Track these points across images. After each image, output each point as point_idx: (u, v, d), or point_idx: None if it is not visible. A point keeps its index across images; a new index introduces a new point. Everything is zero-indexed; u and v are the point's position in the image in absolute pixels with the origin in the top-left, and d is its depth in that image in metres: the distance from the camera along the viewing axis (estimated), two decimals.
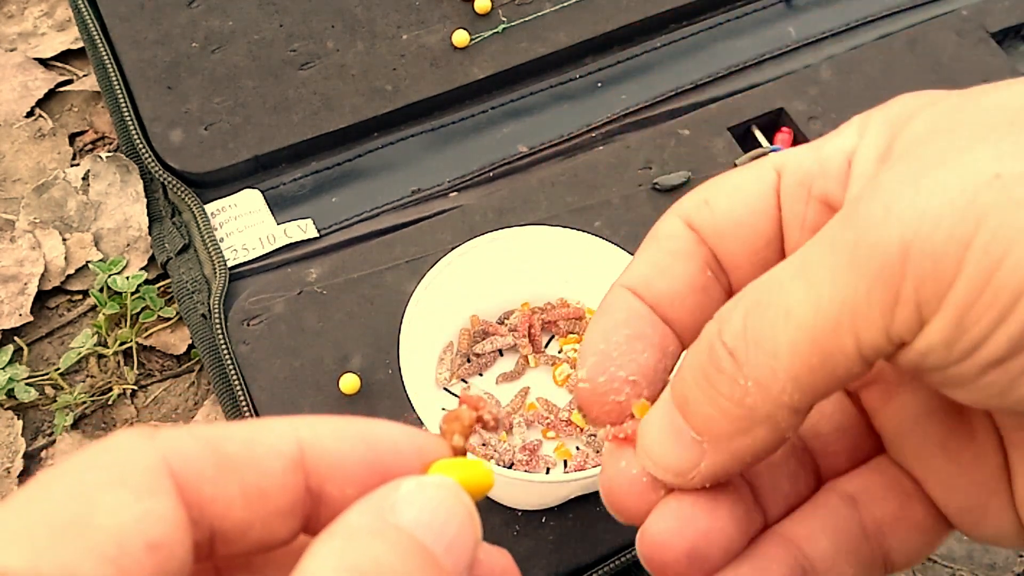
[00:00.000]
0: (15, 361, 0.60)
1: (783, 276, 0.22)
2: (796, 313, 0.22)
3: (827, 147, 0.26)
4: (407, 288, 0.55)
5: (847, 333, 0.21)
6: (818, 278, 0.21)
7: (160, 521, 0.18)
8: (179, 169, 0.63)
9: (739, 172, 0.27)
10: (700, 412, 0.24)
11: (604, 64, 0.68)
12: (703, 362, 0.23)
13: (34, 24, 0.73)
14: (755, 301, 0.23)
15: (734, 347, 0.23)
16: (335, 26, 0.68)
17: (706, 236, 0.27)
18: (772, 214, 0.27)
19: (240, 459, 0.20)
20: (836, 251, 0.21)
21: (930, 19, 0.69)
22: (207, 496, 0.20)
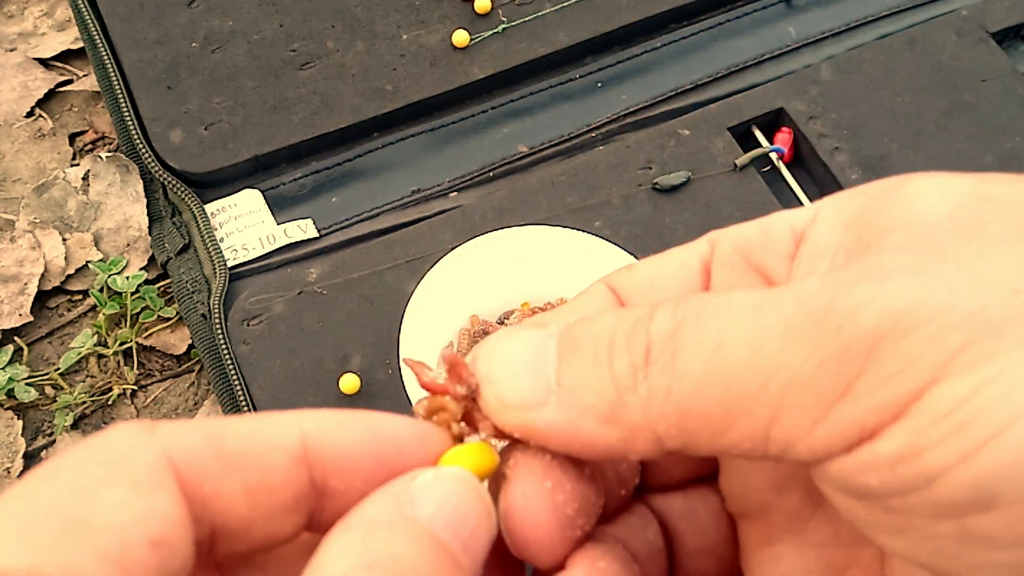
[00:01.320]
0: (15, 361, 0.60)
1: (736, 303, 0.20)
2: (728, 351, 0.19)
3: (774, 219, 0.23)
4: (407, 288, 0.55)
5: (768, 404, 0.19)
6: (770, 327, 0.19)
7: (162, 518, 0.18)
8: (179, 169, 0.63)
9: (674, 249, 0.25)
10: (577, 368, 0.21)
11: (604, 64, 0.68)
12: (618, 329, 0.21)
13: (34, 24, 0.73)
14: (697, 312, 0.20)
15: (653, 342, 0.20)
16: (335, 26, 0.68)
17: (622, 295, 0.25)
18: (694, 280, 0.24)
19: (242, 454, 0.20)
20: (801, 309, 0.19)
21: (930, 19, 0.69)
22: (209, 492, 0.19)
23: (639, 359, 0.20)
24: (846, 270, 0.19)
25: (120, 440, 0.19)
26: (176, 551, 0.18)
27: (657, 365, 0.20)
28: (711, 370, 0.19)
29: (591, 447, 0.21)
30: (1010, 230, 0.19)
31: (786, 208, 0.41)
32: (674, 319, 0.20)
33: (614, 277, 0.25)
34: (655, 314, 0.20)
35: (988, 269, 0.18)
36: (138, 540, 0.18)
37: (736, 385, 0.19)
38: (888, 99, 0.65)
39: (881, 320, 0.18)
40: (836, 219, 0.22)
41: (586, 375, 0.21)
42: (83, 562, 0.17)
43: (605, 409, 0.20)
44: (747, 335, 0.19)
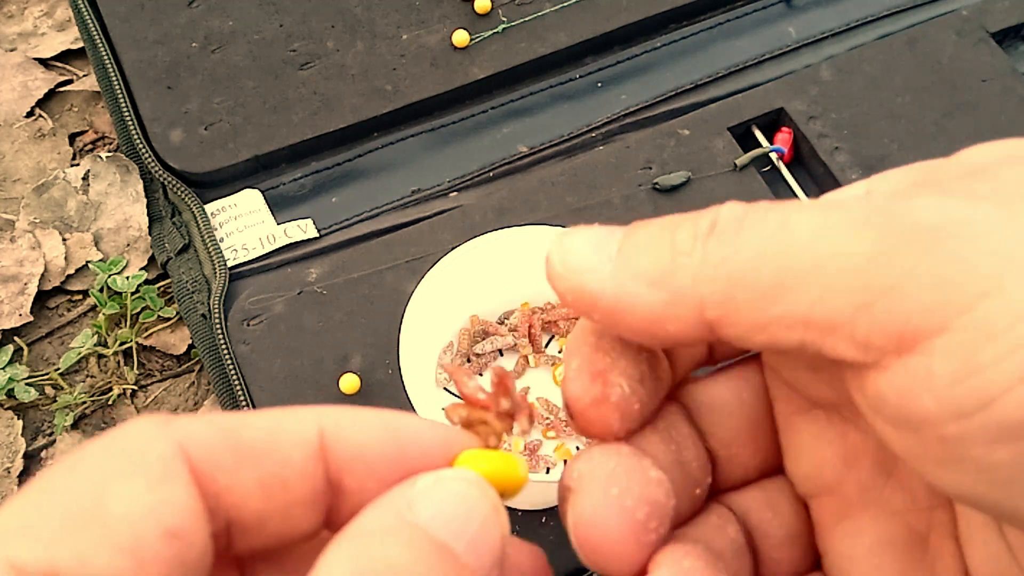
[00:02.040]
0: (15, 361, 0.60)
1: (806, 203, 0.20)
2: (790, 230, 0.19)
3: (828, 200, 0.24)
4: (407, 288, 0.55)
5: (817, 282, 0.18)
6: (835, 217, 0.19)
7: (176, 509, 0.18)
8: (179, 169, 0.63)
9: None
10: (640, 239, 0.21)
11: (604, 64, 0.68)
12: (685, 217, 0.21)
13: (34, 24, 0.73)
14: (766, 205, 0.20)
15: (720, 220, 0.20)
16: (335, 26, 0.68)
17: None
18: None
19: (258, 447, 0.20)
20: (866, 206, 0.19)
21: (930, 19, 0.69)
22: (223, 485, 0.19)
23: (703, 229, 0.20)
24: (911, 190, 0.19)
25: (135, 434, 0.19)
26: (191, 543, 0.18)
27: (718, 236, 0.20)
28: (770, 244, 0.19)
29: (633, 311, 0.21)
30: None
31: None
32: (744, 207, 0.20)
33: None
34: (725, 204, 0.21)
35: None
36: (152, 532, 0.17)
37: (790, 261, 0.19)
38: (888, 99, 0.65)
39: (942, 221, 0.17)
40: (889, 191, 0.22)
41: (646, 244, 0.21)
42: (97, 554, 0.17)
43: (656, 272, 0.20)
44: (812, 221, 0.19)
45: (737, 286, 0.19)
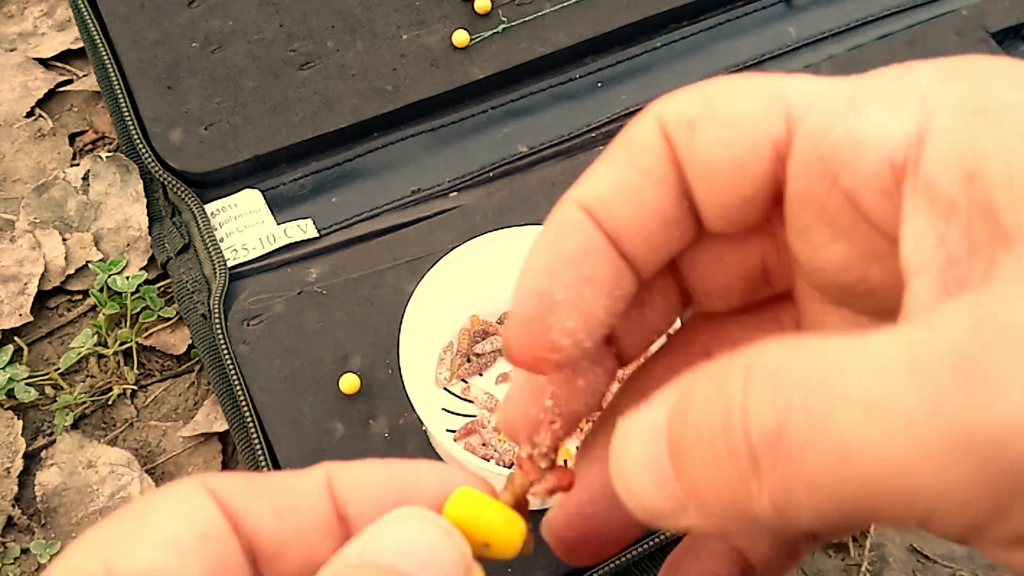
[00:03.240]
0: (15, 361, 0.60)
1: (853, 391, 0.16)
2: (857, 466, 0.16)
3: (866, 124, 0.20)
4: (407, 288, 0.55)
5: (912, 516, 0.16)
6: (906, 441, 0.16)
7: (206, 517, 0.20)
8: (179, 169, 0.63)
9: (740, 94, 0.21)
10: (693, 480, 0.19)
11: (604, 64, 0.68)
12: (714, 430, 0.18)
13: (34, 24, 0.73)
14: (804, 403, 0.17)
15: (759, 451, 0.17)
16: (335, 26, 0.68)
17: (684, 163, 0.22)
18: (762, 173, 0.21)
19: (269, 482, 0.22)
20: (939, 421, 0.15)
21: (930, 19, 0.69)
22: (239, 508, 0.21)
23: (746, 469, 0.18)
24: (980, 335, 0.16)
25: (167, 485, 0.22)
26: (226, 544, 0.20)
27: (770, 476, 0.17)
28: (842, 483, 0.17)
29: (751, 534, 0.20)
30: None
31: None
32: (775, 413, 0.17)
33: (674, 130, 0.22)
34: (748, 414, 0.17)
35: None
36: (187, 532, 0.20)
37: (875, 496, 0.16)
38: None
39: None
40: (955, 161, 0.18)
41: (704, 488, 0.19)
42: (143, 551, 0.20)
43: (739, 514, 0.18)
44: (877, 448, 0.16)
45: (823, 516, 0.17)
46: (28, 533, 0.56)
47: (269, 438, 0.54)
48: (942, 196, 0.18)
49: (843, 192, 0.20)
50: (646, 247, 0.22)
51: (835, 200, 0.20)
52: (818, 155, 0.20)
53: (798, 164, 0.21)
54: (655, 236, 0.22)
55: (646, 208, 0.22)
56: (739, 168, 0.21)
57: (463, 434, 0.53)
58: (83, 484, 0.57)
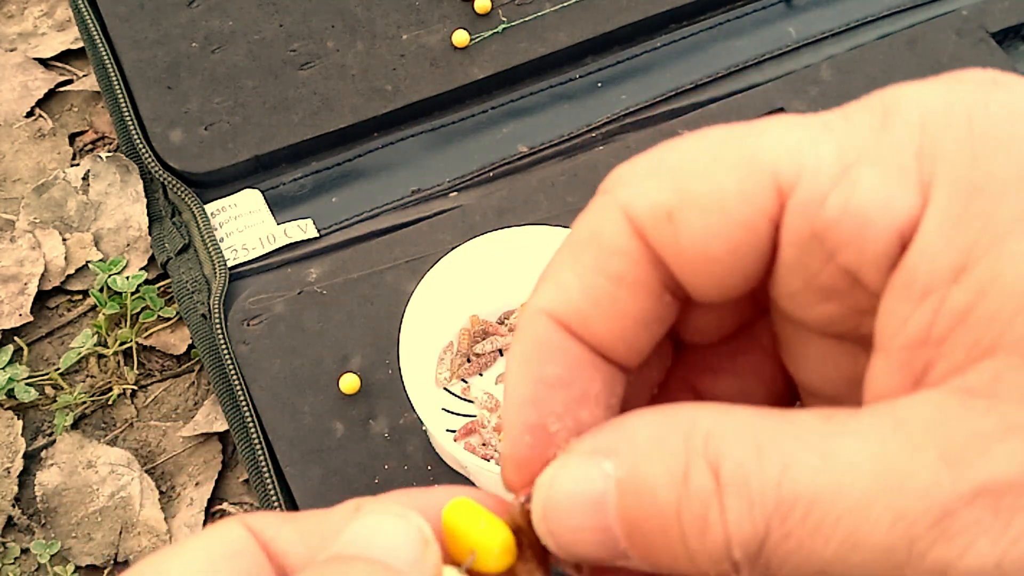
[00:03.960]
0: (15, 361, 0.60)
1: (830, 510, 0.17)
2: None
3: (869, 195, 0.18)
4: (407, 288, 0.55)
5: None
6: (872, 572, 0.17)
7: (238, 540, 0.21)
8: (179, 169, 0.63)
9: (714, 169, 0.19)
10: (656, 557, 0.19)
11: (604, 64, 0.68)
12: (687, 533, 0.18)
13: (34, 24, 0.73)
14: (785, 523, 0.17)
15: (740, 561, 0.18)
16: (335, 26, 0.68)
17: (666, 258, 0.20)
18: (761, 255, 0.19)
19: (302, 516, 0.22)
20: (906, 553, 0.17)
21: (930, 19, 0.69)
22: (270, 536, 0.21)
23: (725, 571, 0.18)
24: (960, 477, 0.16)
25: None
26: (256, 560, 0.21)
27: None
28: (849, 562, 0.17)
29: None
30: None
31: None
32: (754, 524, 0.17)
33: (649, 226, 0.20)
34: (729, 519, 0.17)
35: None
36: (219, 551, 0.20)
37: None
38: None
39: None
40: (945, 253, 0.17)
41: (666, 564, 0.19)
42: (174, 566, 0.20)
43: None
44: (850, 572, 0.17)
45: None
46: (28, 533, 0.56)
47: (269, 438, 0.54)
48: (920, 282, 0.18)
49: (841, 267, 0.19)
50: (631, 349, 0.21)
51: (831, 272, 0.19)
52: (812, 231, 0.19)
53: (790, 236, 0.19)
54: (639, 337, 0.21)
55: (626, 315, 0.20)
56: (735, 253, 0.19)
57: (463, 434, 0.53)
58: (83, 484, 0.57)
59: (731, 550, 0.18)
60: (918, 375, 0.18)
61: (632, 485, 0.18)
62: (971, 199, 0.17)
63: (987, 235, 0.17)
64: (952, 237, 0.17)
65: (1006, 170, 0.17)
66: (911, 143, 0.18)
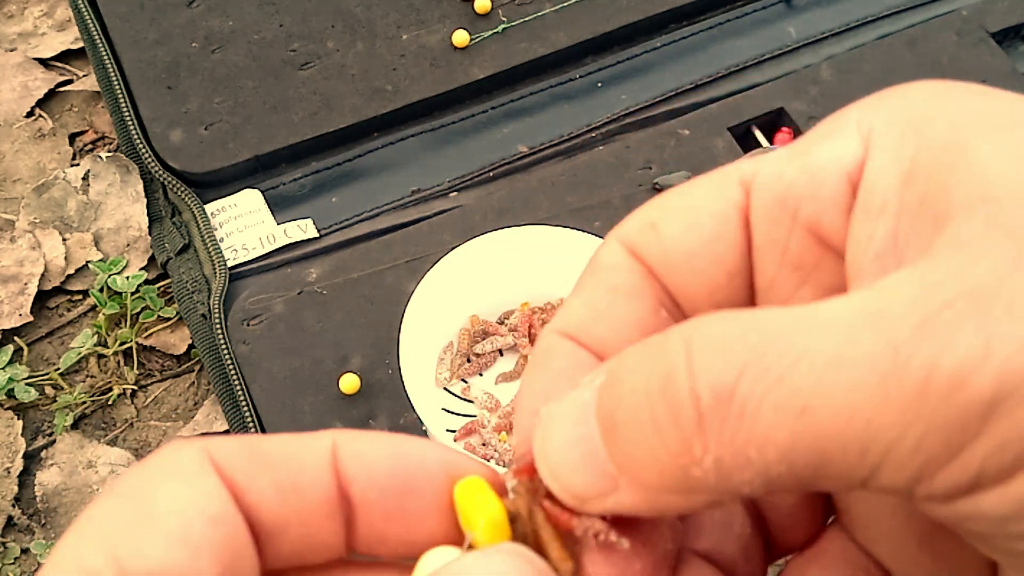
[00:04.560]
0: (15, 361, 0.60)
1: (812, 345, 0.17)
2: (815, 416, 0.16)
3: (817, 156, 0.20)
4: (407, 288, 0.55)
5: (866, 466, 0.17)
6: (864, 387, 0.16)
7: (213, 498, 0.20)
8: (179, 169, 0.63)
9: (694, 186, 0.22)
10: (627, 451, 0.18)
11: (604, 64, 0.68)
12: (652, 395, 0.18)
13: (34, 24, 0.73)
14: (760, 363, 0.17)
15: (707, 410, 0.17)
16: (335, 26, 0.68)
17: (654, 267, 0.22)
18: (736, 242, 0.21)
19: (273, 455, 0.21)
20: (898, 365, 0.16)
21: (930, 19, 0.69)
22: (242, 485, 0.20)
23: (690, 429, 0.17)
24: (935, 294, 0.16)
25: (168, 449, 0.21)
26: (235, 528, 0.20)
27: (718, 436, 0.17)
28: (797, 436, 0.17)
29: (682, 511, 0.20)
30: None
31: None
32: (727, 372, 0.17)
33: (636, 239, 0.22)
34: (695, 369, 0.17)
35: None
36: (197, 518, 0.19)
37: (829, 450, 0.17)
38: None
39: (998, 387, 0.16)
40: (892, 166, 0.19)
41: (640, 457, 0.18)
42: (154, 547, 0.19)
43: (677, 483, 0.18)
44: (837, 398, 0.16)
45: (771, 479, 0.17)
46: (28, 533, 0.56)
47: None
48: (876, 200, 0.19)
49: (805, 225, 0.20)
50: None
51: (797, 238, 0.20)
52: (774, 197, 0.20)
53: (757, 212, 0.21)
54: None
55: (623, 320, 0.22)
56: (712, 244, 0.21)
57: (463, 434, 0.53)
58: (83, 484, 0.57)
59: (697, 397, 0.17)
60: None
61: (608, 383, 0.19)
62: (907, 129, 0.19)
63: (925, 144, 0.19)
64: (895, 155, 0.19)
65: (932, 110, 0.19)
66: (850, 117, 0.20)
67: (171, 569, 0.18)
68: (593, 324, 0.22)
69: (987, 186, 0.17)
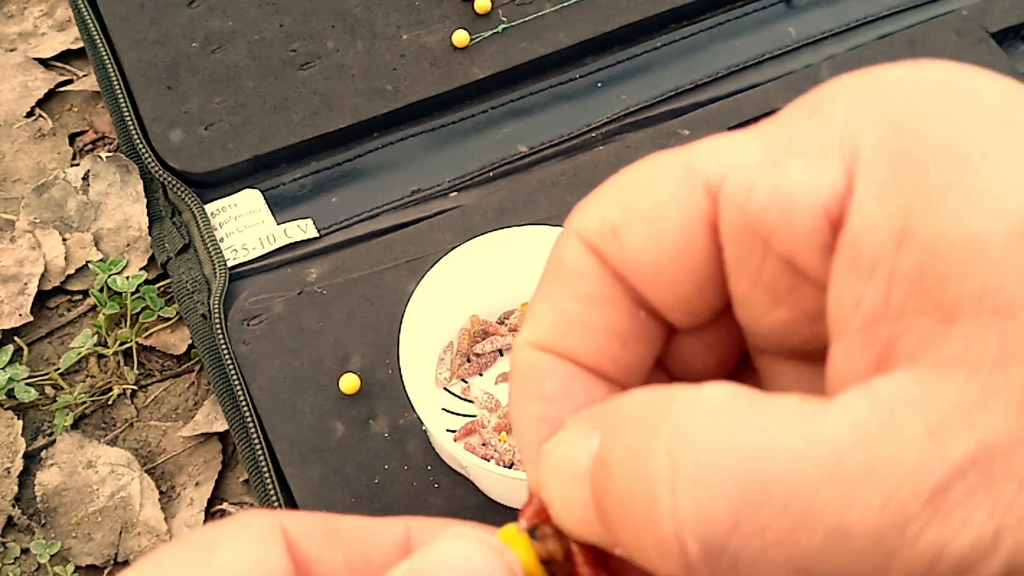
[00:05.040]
0: (15, 361, 0.60)
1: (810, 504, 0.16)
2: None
3: (791, 181, 0.18)
4: (407, 288, 0.55)
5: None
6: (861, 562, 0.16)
7: (274, 565, 0.20)
8: (179, 169, 0.63)
9: (652, 184, 0.20)
10: (622, 540, 0.18)
11: (604, 64, 0.68)
12: (638, 519, 0.17)
13: (34, 24, 0.73)
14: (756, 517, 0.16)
15: (695, 560, 0.16)
16: (335, 26, 0.68)
17: (621, 273, 0.20)
18: (704, 256, 0.20)
19: (347, 532, 0.21)
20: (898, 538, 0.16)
21: (930, 19, 0.69)
22: (313, 557, 0.21)
23: (678, 570, 0.17)
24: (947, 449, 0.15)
25: (241, 514, 0.21)
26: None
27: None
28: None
29: None
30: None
31: None
32: (715, 516, 0.16)
33: (598, 242, 0.20)
34: (681, 498, 0.16)
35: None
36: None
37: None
38: None
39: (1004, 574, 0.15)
40: (883, 221, 0.17)
41: (635, 553, 0.18)
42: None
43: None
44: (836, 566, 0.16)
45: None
46: (28, 533, 0.56)
47: (269, 438, 0.54)
48: (865, 256, 0.17)
49: (778, 256, 0.19)
50: (617, 366, 0.21)
51: (771, 265, 0.19)
52: (745, 222, 0.19)
53: (726, 231, 0.19)
54: (622, 354, 0.21)
55: (600, 331, 0.20)
56: (679, 260, 0.20)
57: (463, 434, 0.53)
58: (83, 484, 0.57)
59: (684, 544, 0.16)
60: (882, 353, 0.17)
61: (600, 462, 0.18)
62: (899, 165, 0.17)
63: (921, 196, 0.16)
64: (886, 203, 0.17)
65: (929, 133, 0.17)
66: (834, 125, 0.18)
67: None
68: (568, 335, 0.21)
69: (999, 292, 0.16)
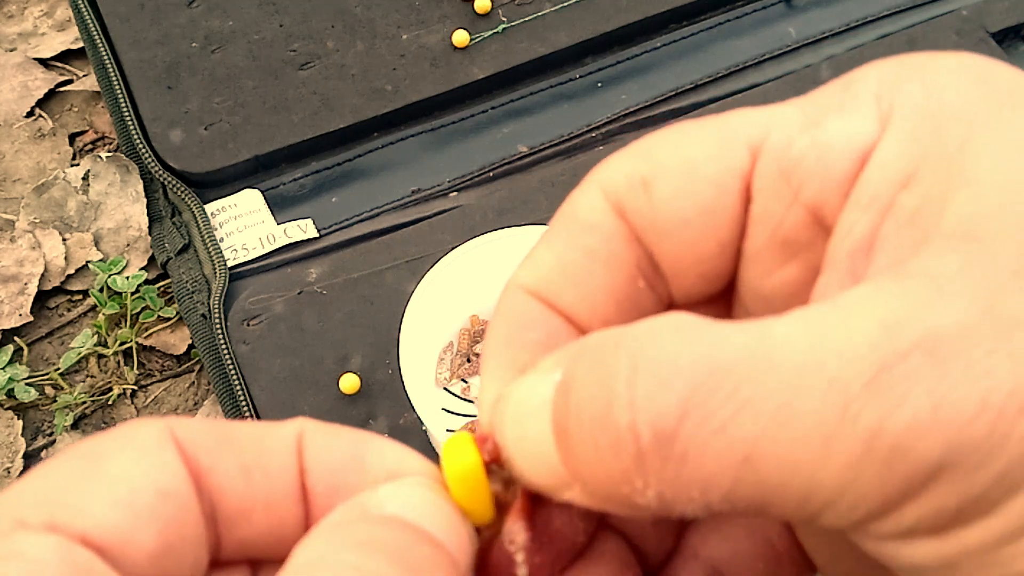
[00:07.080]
0: (15, 361, 0.60)
1: (759, 396, 0.16)
2: (757, 465, 0.16)
3: (832, 131, 0.19)
4: (407, 288, 0.55)
5: (808, 511, 0.17)
6: (807, 440, 0.16)
7: (167, 473, 0.19)
8: (179, 169, 0.63)
9: (692, 138, 0.20)
10: (577, 465, 0.18)
11: (604, 64, 0.68)
12: (595, 421, 0.17)
13: (34, 24, 0.73)
14: (705, 405, 0.16)
15: (647, 449, 0.17)
16: (335, 26, 0.68)
17: (641, 232, 0.20)
18: (734, 212, 0.20)
19: (241, 437, 0.20)
20: (844, 424, 0.16)
21: (930, 19, 0.69)
22: (207, 465, 0.20)
23: (629, 466, 0.17)
24: (893, 340, 0.16)
25: (129, 423, 0.20)
26: (184, 506, 0.19)
27: (659, 474, 0.17)
28: (739, 482, 0.16)
29: (634, 515, 0.19)
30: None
31: None
32: (669, 412, 0.16)
33: (624, 196, 0.20)
34: (637, 397, 0.17)
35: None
36: (145, 488, 0.19)
37: (770, 496, 0.17)
38: None
39: (942, 456, 0.15)
40: (898, 162, 0.18)
41: (588, 474, 0.18)
42: (94, 506, 0.18)
43: (621, 502, 0.18)
44: (780, 451, 0.16)
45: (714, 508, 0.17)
46: None
47: None
48: (869, 190, 0.18)
49: (806, 204, 0.19)
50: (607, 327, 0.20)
51: (795, 215, 0.19)
52: (780, 168, 0.19)
53: (760, 181, 0.19)
54: (614, 317, 0.21)
55: (598, 290, 0.20)
56: (707, 214, 0.20)
57: None
58: None
59: (638, 433, 0.16)
60: (857, 279, 0.18)
61: (563, 385, 0.18)
62: (924, 121, 0.18)
63: (937, 151, 0.17)
64: (904, 151, 0.18)
65: (954, 100, 0.18)
66: (868, 91, 0.19)
67: (107, 532, 0.18)
68: (565, 287, 0.21)
69: (977, 222, 0.17)
